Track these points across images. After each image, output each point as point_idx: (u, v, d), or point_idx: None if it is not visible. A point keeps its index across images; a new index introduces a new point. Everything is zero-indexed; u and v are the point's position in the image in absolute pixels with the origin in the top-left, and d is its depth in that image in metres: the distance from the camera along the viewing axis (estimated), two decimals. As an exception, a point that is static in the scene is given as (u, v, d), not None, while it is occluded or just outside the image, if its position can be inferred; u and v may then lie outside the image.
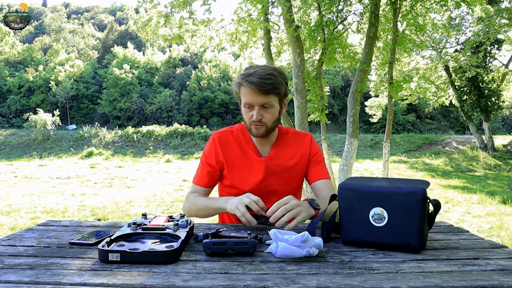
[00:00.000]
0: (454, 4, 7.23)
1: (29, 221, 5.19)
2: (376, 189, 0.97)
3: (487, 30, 10.44)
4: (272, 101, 1.36)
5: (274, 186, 1.45)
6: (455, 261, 0.86)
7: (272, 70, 1.35)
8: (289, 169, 1.47)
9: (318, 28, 6.28)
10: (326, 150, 6.85)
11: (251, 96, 1.33)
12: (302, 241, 0.87)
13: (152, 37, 7.57)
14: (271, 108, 1.37)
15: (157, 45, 41.66)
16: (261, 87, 1.30)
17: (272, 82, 1.32)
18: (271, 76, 1.32)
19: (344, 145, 5.79)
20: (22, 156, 17.02)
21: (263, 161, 1.45)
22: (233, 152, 1.48)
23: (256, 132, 1.40)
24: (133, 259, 0.83)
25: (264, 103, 1.34)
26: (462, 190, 7.91)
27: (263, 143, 1.49)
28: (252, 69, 1.34)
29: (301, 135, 1.55)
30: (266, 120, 1.37)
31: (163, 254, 0.84)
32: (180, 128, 21.03)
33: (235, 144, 1.49)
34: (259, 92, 1.31)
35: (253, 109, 1.36)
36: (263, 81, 1.30)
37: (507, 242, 4.18)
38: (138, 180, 9.71)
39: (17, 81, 33.56)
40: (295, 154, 1.49)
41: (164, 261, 0.83)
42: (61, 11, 75.71)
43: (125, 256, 0.83)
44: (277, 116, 1.42)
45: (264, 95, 1.33)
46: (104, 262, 0.83)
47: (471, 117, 15.36)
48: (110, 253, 0.83)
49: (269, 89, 1.31)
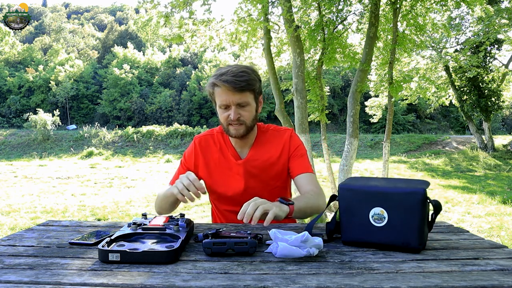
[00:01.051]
0: (454, 4, 7.23)
1: (29, 221, 5.19)
2: (376, 189, 0.97)
3: (487, 30, 10.44)
4: (248, 99, 1.34)
5: (256, 189, 1.41)
6: (455, 261, 0.85)
7: (244, 67, 1.34)
8: (268, 169, 1.43)
9: (318, 28, 6.27)
10: (326, 150, 6.84)
11: (226, 95, 1.31)
12: (302, 241, 0.87)
13: (152, 37, 7.56)
14: (248, 106, 1.35)
15: (157, 45, 41.67)
16: (235, 85, 1.28)
17: (246, 79, 1.30)
18: (244, 74, 1.30)
19: (344, 145, 5.79)
20: (22, 156, 17.03)
21: (241, 164, 1.42)
22: (213, 156, 1.46)
23: (236, 132, 1.36)
24: (133, 259, 0.83)
25: (241, 102, 1.32)
26: (462, 190, 7.91)
27: (242, 144, 1.45)
28: (224, 69, 1.33)
29: (280, 131, 1.50)
30: (245, 118, 1.35)
31: (163, 254, 0.83)
32: (180, 128, 21.03)
33: (215, 147, 1.47)
34: (234, 90, 1.29)
35: (230, 109, 1.33)
36: (237, 79, 1.28)
37: (507, 242, 4.19)
38: (138, 180, 9.72)
39: (17, 81, 33.57)
40: (274, 152, 1.44)
41: (164, 261, 0.83)
42: (61, 11, 75.71)
43: (125, 256, 0.83)
44: (254, 114, 1.39)
45: (240, 93, 1.30)
46: (104, 262, 0.83)
47: (471, 117, 15.36)
48: (110, 253, 0.83)
49: (243, 86, 1.29)
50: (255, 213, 1.02)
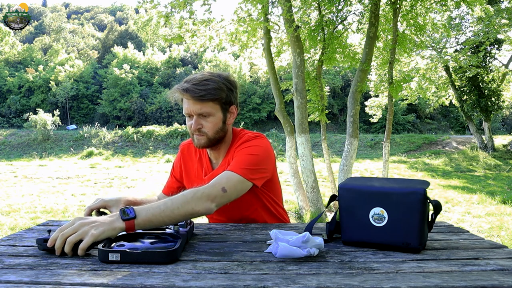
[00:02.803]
0: (454, 4, 7.24)
1: (29, 221, 5.19)
2: (376, 189, 0.97)
3: (487, 30, 10.44)
4: (210, 109, 1.25)
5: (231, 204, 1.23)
6: (455, 261, 0.86)
7: (210, 75, 1.26)
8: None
9: (318, 28, 6.28)
10: (326, 150, 6.85)
11: (187, 104, 1.25)
12: (303, 242, 0.87)
13: (152, 37, 7.57)
14: (211, 117, 1.26)
15: (157, 45, 41.69)
16: (194, 94, 1.21)
17: (208, 88, 1.22)
18: (208, 82, 1.23)
19: (344, 145, 5.79)
20: (22, 156, 17.02)
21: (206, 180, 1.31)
22: (193, 166, 1.44)
23: (197, 142, 1.30)
24: (133, 259, 0.83)
25: (201, 112, 1.24)
26: (462, 190, 7.91)
27: (216, 155, 1.38)
28: (191, 76, 1.26)
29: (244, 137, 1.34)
30: (206, 129, 1.27)
31: (163, 254, 0.84)
32: (180, 128, 21.03)
33: (195, 157, 1.44)
34: (193, 99, 1.22)
35: (192, 118, 1.27)
36: (197, 88, 1.21)
37: (507, 242, 4.19)
38: (138, 180, 9.72)
39: (17, 81, 33.57)
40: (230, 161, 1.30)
41: (164, 261, 0.83)
42: (61, 11, 75.72)
43: (125, 256, 0.83)
44: (220, 126, 1.29)
45: (200, 103, 1.23)
46: (104, 262, 0.83)
47: (471, 117, 15.36)
48: (110, 253, 0.83)
49: (203, 96, 1.21)
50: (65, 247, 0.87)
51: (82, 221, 0.91)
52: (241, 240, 1.05)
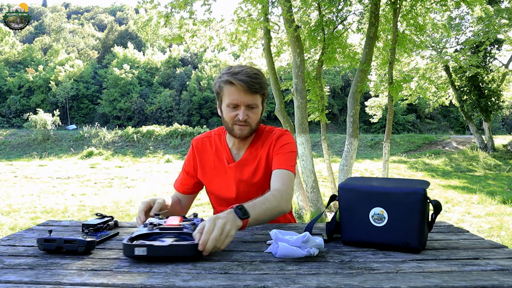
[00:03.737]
0: (454, 4, 7.23)
1: (29, 221, 5.19)
2: (376, 189, 0.97)
3: (487, 30, 10.43)
4: (258, 101, 1.33)
5: (249, 194, 1.36)
6: (455, 261, 0.86)
7: (256, 70, 1.33)
8: (256, 171, 1.39)
9: (318, 28, 6.27)
10: (326, 150, 6.85)
11: (237, 95, 1.29)
12: (303, 242, 0.87)
13: (152, 37, 7.57)
14: (256, 109, 1.34)
15: (157, 45, 41.67)
16: (250, 85, 1.27)
17: (260, 82, 1.30)
18: (258, 75, 1.30)
19: (344, 145, 5.79)
20: (22, 156, 17.02)
21: (232, 167, 1.40)
22: (209, 159, 1.45)
23: (240, 133, 1.34)
24: (160, 253, 0.82)
25: (251, 103, 1.31)
26: (462, 190, 7.91)
27: (239, 146, 1.42)
28: (237, 68, 1.31)
29: (272, 132, 1.44)
30: (251, 120, 1.33)
31: (190, 247, 0.83)
32: (180, 128, 21.03)
33: (211, 150, 1.45)
34: (247, 90, 1.28)
35: (238, 109, 1.31)
36: (252, 80, 1.27)
37: (507, 242, 4.18)
38: (138, 180, 9.72)
39: (17, 81, 33.56)
40: (263, 154, 1.40)
41: (191, 254, 0.83)
42: (61, 11, 75.72)
43: (151, 250, 0.82)
44: (260, 118, 1.39)
45: (252, 95, 1.30)
46: (129, 257, 0.83)
47: (471, 117, 15.36)
48: (136, 248, 0.82)
49: (257, 88, 1.29)
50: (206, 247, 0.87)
51: (222, 221, 0.93)
52: (241, 240, 1.05)
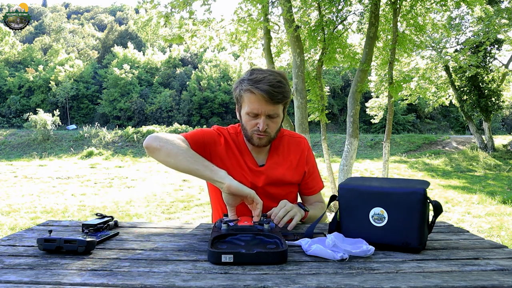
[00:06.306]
0: (454, 4, 7.23)
1: (29, 221, 5.19)
2: (376, 189, 0.97)
3: (487, 30, 10.43)
4: (279, 111, 1.27)
5: (274, 194, 1.35)
6: (455, 261, 0.86)
7: (280, 77, 1.24)
8: (286, 176, 1.38)
9: (318, 28, 6.27)
10: (326, 150, 6.84)
11: (258, 104, 1.22)
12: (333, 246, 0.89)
13: (152, 37, 7.57)
14: (277, 118, 1.27)
15: (157, 45, 41.66)
16: (272, 96, 1.20)
17: (283, 91, 1.22)
18: (281, 84, 1.22)
19: (344, 145, 5.79)
20: (22, 156, 17.02)
21: (263, 171, 1.35)
22: (223, 152, 1.36)
23: (259, 142, 1.29)
24: (247, 260, 0.82)
25: (272, 114, 1.24)
26: (462, 190, 7.91)
27: (259, 150, 1.38)
28: (260, 74, 1.22)
29: (296, 138, 1.46)
30: (271, 130, 1.28)
31: (277, 255, 0.84)
32: (180, 128, 21.03)
33: (233, 145, 1.37)
34: (269, 101, 1.21)
35: (258, 118, 1.25)
36: (274, 90, 1.20)
37: (507, 242, 4.19)
38: (138, 180, 9.71)
39: (17, 81, 33.57)
40: (293, 160, 1.40)
41: (277, 262, 0.83)
42: (61, 11, 75.72)
43: (238, 257, 0.82)
44: (279, 126, 1.33)
45: (273, 105, 1.23)
46: (216, 264, 0.83)
47: (471, 117, 15.36)
48: (223, 255, 0.82)
49: (279, 99, 1.22)
50: (284, 218, 1.17)
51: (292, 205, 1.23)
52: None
